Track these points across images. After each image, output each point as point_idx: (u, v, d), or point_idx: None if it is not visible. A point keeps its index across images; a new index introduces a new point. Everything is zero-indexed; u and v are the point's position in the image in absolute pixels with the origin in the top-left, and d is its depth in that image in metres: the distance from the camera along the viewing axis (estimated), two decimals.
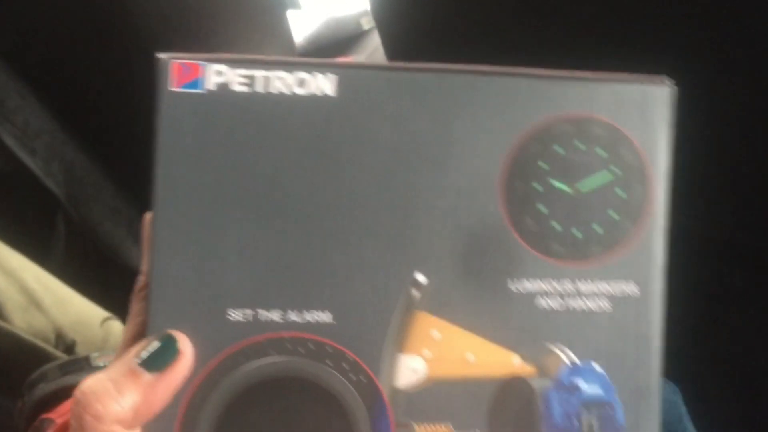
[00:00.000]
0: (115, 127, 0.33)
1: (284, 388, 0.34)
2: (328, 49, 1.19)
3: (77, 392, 0.32)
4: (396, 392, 0.34)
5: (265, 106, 0.34)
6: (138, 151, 0.35)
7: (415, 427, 0.34)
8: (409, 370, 0.34)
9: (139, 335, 0.34)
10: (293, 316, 0.34)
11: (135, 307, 0.35)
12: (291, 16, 1.07)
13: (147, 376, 0.32)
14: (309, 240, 0.34)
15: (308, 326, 0.34)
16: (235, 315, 0.34)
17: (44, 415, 0.52)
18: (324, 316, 0.34)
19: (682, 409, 0.60)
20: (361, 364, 0.34)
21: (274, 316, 0.34)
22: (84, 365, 0.60)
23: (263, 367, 0.34)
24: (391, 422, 0.34)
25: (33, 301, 0.64)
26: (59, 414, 0.52)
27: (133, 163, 0.35)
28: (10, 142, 0.67)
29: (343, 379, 0.34)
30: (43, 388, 0.56)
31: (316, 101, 0.34)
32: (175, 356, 0.33)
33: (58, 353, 0.66)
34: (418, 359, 0.35)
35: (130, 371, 0.32)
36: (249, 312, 0.34)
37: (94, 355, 0.61)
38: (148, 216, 0.35)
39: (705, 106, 0.55)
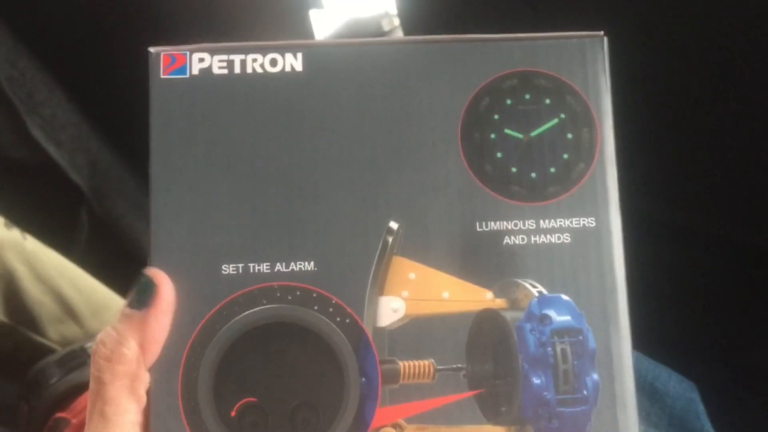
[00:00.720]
0: (138, 123, 0.37)
1: (276, 333, 0.37)
2: None
3: (93, 345, 0.36)
4: (379, 332, 0.37)
5: (242, 84, 0.38)
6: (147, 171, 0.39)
7: (400, 363, 0.37)
8: (390, 310, 0.38)
9: None
10: (281, 268, 0.37)
11: None
12: (313, 15, 1.09)
13: (137, 314, 0.36)
14: (291, 199, 0.38)
15: (295, 275, 0.37)
16: (229, 269, 0.37)
17: (59, 414, 0.54)
18: (309, 266, 0.37)
19: (700, 406, 0.60)
20: (345, 307, 0.37)
21: (264, 268, 0.37)
22: (84, 358, 0.62)
23: (256, 313, 0.37)
24: (377, 360, 0.37)
25: (69, 311, 0.67)
26: (74, 413, 0.54)
27: None
28: (37, 133, 0.71)
29: (330, 321, 0.37)
30: (55, 388, 0.59)
31: (286, 77, 0.39)
32: (153, 289, 0.36)
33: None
34: (397, 300, 0.38)
35: (123, 316, 0.36)
36: (241, 266, 0.37)
37: (89, 345, 0.63)
38: None
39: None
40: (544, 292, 0.38)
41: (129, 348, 0.35)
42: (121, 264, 0.74)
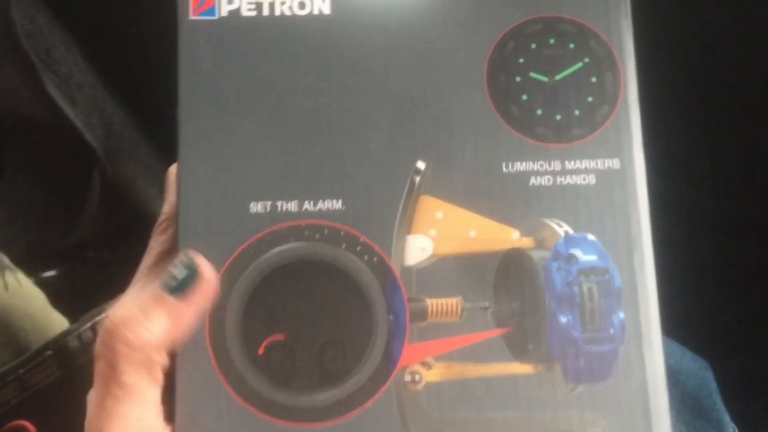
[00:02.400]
0: (154, 88, 0.37)
1: (304, 271, 0.37)
2: None
3: (107, 322, 0.34)
4: (407, 270, 0.37)
5: (271, 26, 0.39)
6: (175, 113, 0.39)
7: (427, 300, 0.37)
8: (417, 249, 0.38)
9: (155, 266, 0.37)
10: (309, 206, 0.37)
11: (154, 240, 0.38)
12: None
13: (173, 301, 0.34)
14: (319, 138, 0.38)
15: (323, 214, 0.37)
16: (257, 207, 0.37)
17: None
18: (337, 204, 0.37)
19: (713, 385, 0.60)
20: (373, 245, 0.37)
21: (291, 206, 0.37)
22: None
23: (284, 251, 0.37)
24: (405, 298, 0.37)
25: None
26: None
27: (169, 124, 0.39)
28: (53, 91, 0.70)
29: (358, 259, 0.37)
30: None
31: (315, 20, 0.39)
32: (197, 280, 0.35)
33: None
34: (425, 239, 0.38)
35: (156, 298, 0.34)
36: (269, 203, 0.37)
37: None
38: (172, 168, 0.39)
39: None
40: (571, 231, 0.38)
41: (155, 336, 0.33)
42: (131, 227, 0.73)
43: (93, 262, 0.76)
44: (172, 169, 0.39)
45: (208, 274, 0.36)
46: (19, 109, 0.73)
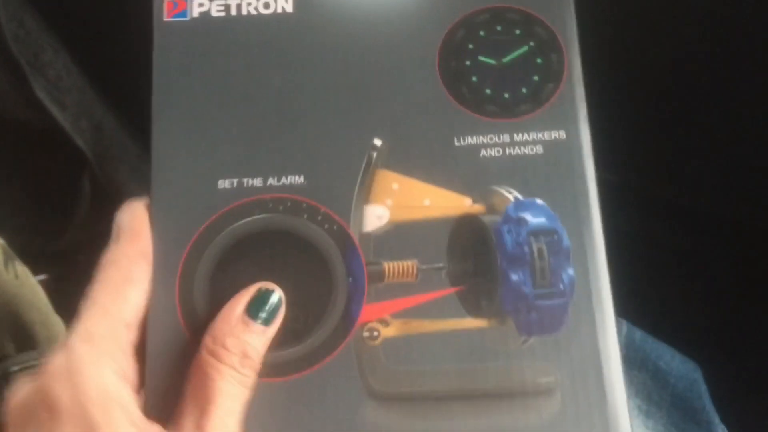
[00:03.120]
0: (143, 91, 0.40)
1: (269, 240, 0.40)
2: None
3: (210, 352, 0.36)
4: (365, 237, 0.40)
5: (238, 24, 0.43)
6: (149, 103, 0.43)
7: (384, 264, 0.39)
8: (375, 217, 0.40)
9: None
10: (272, 181, 0.40)
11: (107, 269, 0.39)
12: None
13: (261, 329, 0.37)
14: (282, 121, 0.41)
15: (285, 188, 0.40)
16: (224, 184, 0.40)
17: None
18: (299, 179, 0.40)
19: (702, 387, 0.60)
20: (333, 215, 0.40)
21: (257, 182, 0.40)
22: None
23: (250, 222, 0.40)
24: (363, 262, 0.39)
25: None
26: None
27: None
28: (42, 95, 0.71)
29: (318, 228, 0.40)
30: None
31: (278, 18, 0.43)
32: (281, 308, 0.38)
33: None
34: (381, 208, 0.40)
35: (245, 325, 0.37)
36: (235, 180, 0.40)
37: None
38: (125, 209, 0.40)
39: None
40: (520, 197, 0.40)
41: (255, 361, 0.36)
42: None
43: (83, 265, 0.77)
44: (129, 205, 0.40)
45: (283, 298, 0.38)
46: (7, 113, 0.75)
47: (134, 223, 0.39)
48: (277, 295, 0.38)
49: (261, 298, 0.37)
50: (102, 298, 0.37)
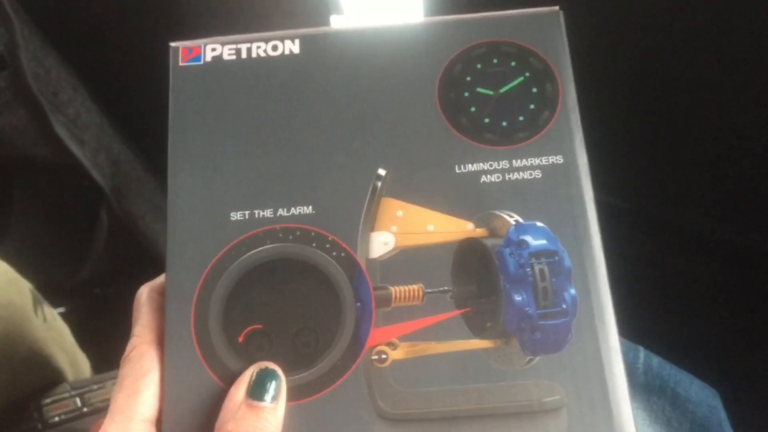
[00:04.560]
0: (160, 127, 0.42)
1: (279, 268, 0.41)
2: None
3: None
4: (372, 262, 0.41)
5: (248, 66, 0.45)
6: (166, 141, 0.45)
7: (391, 288, 0.41)
8: (381, 243, 0.42)
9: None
10: (282, 212, 0.42)
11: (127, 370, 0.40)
12: (334, 20, 1.10)
13: (269, 407, 0.38)
14: (290, 155, 0.43)
15: (295, 218, 0.42)
16: (236, 215, 0.42)
17: None
18: (307, 209, 0.42)
19: (722, 413, 0.61)
20: (341, 243, 0.41)
21: (267, 213, 0.42)
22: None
23: (261, 251, 0.41)
24: (370, 287, 0.41)
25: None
26: None
27: None
28: (61, 132, 0.73)
29: (327, 255, 0.41)
30: None
31: (286, 59, 0.45)
32: (280, 381, 0.39)
33: None
34: (387, 234, 0.42)
35: (251, 408, 0.38)
36: (247, 212, 0.42)
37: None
38: (141, 291, 0.43)
39: None
40: (520, 220, 0.41)
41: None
42: (138, 264, 0.76)
43: (100, 298, 0.79)
44: (141, 293, 0.43)
45: (281, 372, 0.40)
46: (27, 149, 0.76)
47: (143, 311, 0.42)
48: (274, 370, 0.39)
49: (260, 379, 0.39)
50: (120, 399, 0.39)
